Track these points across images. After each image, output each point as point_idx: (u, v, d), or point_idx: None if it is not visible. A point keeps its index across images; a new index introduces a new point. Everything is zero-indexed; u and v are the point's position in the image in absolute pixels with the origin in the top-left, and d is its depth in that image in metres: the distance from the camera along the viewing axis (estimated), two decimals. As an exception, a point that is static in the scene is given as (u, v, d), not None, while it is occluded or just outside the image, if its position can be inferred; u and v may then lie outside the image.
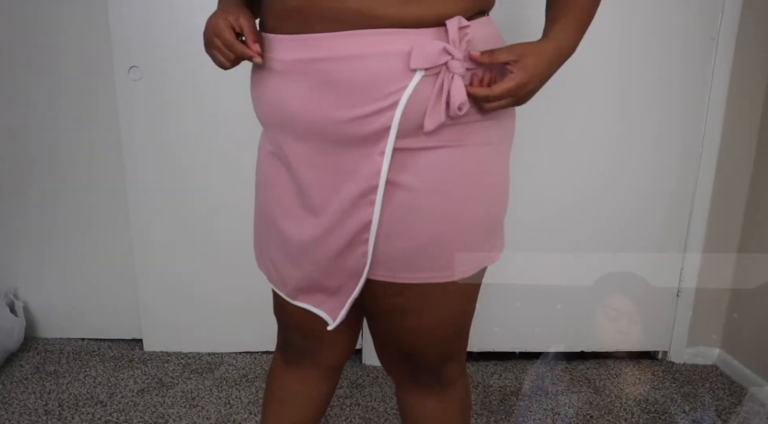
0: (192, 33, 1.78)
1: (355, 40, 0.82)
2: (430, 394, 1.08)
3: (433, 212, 0.90)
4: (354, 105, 0.84)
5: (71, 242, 2.04)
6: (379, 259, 0.93)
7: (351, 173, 0.88)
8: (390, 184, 0.88)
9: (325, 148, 0.89)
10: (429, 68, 0.82)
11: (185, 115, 1.84)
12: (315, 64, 0.85)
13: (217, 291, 2.00)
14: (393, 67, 0.82)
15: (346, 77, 0.83)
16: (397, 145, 0.86)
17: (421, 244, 0.91)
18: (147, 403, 1.80)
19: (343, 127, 0.86)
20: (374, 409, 1.80)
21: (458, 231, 0.92)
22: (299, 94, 0.87)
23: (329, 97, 0.85)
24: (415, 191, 0.88)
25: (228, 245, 1.93)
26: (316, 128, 0.88)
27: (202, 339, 2.06)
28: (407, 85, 0.82)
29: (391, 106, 0.83)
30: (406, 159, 0.87)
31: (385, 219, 0.90)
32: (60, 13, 1.84)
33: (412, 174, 0.88)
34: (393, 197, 0.89)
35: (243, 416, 1.75)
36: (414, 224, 0.90)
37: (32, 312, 2.10)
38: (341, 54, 0.83)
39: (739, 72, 1.81)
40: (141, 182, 1.90)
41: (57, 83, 1.90)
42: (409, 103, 0.83)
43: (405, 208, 0.89)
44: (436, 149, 0.88)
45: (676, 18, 1.75)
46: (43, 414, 1.74)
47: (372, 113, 0.84)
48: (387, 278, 0.94)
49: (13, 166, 1.97)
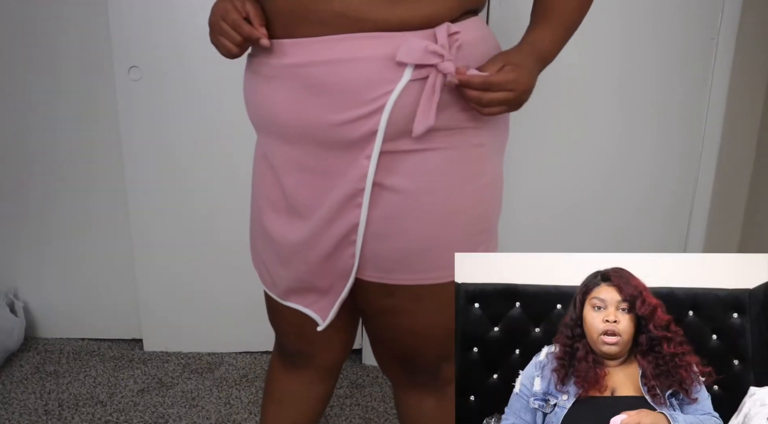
0: (192, 33, 1.79)
1: (340, 45, 0.82)
2: (427, 394, 1.08)
3: (424, 213, 0.90)
4: (341, 109, 0.84)
5: (71, 242, 2.03)
6: (370, 260, 0.93)
7: (339, 176, 0.89)
8: (379, 187, 0.89)
9: (313, 152, 0.89)
10: (418, 67, 0.82)
11: (185, 115, 1.84)
12: (302, 69, 0.85)
13: (217, 291, 2.00)
14: (379, 71, 0.82)
15: (332, 81, 0.83)
16: (386, 148, 0.86)
17: (412, 245, 0.91)
18: (147, 403, 1.80)
19: (330, 132, 0.86)
20: (374, 409, 1.80)
21: (450, 232, 0.92)
22: (287, 99, 0.87)
23: (317, 102, 0.85)
24: (404, 193, 0.89)
25: (228, 245, 1.92)
26: (305, 132, 0.88)
27: (202, 339, 2.06)
28: (393, 89, 0.82)
29: (377, 110, 0.84)
30: (396, 161, 0.88)
31: (374, 220, 0.90)
32: (60, 13, 1.84)
33: (401, 176, 0.88)
34: (382, 199, 0.89)
35: (243, 416, 1.75)
36: (404, 225, 0.90)
37: (32, 312, 2.10)
38: (327, 58, 0.83)
39: (739, 72, 1.81)
40: (141, 182, 1.90)
41: (57, 83, 1.89)
42: (396, 106, 0.83)
43: (395, 210, 0.89)
44: (427, 151, 0.88)
45: (676, 18, 1.75)
46: (43, 414, 1.74)
47: (359, 117, 0.84)
48: (378, 279, 0.94)
49: (12, 166, 1.97)
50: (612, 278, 0.70)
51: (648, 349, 0.69)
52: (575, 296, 0.72)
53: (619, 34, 1.76)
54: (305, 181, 0.92)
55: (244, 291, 1.94)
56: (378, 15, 0.81)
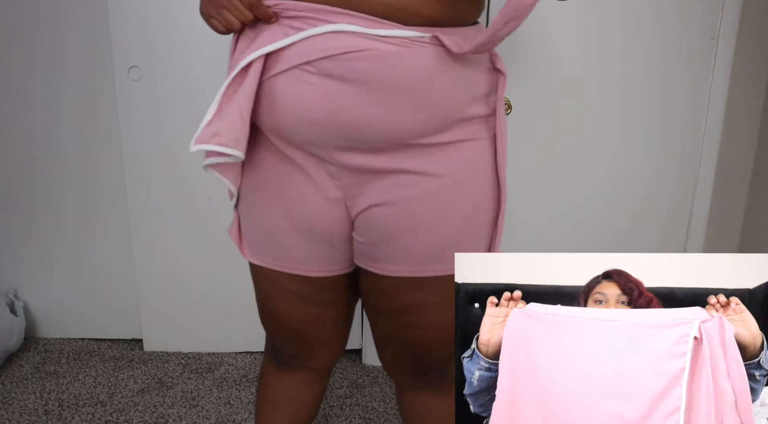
0: (192, 33, 1.79)
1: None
2: (434, 393, 1.08)
3: (459, 202, 0.91)
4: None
5: (71, 242, 2.04)
6: (402, 255, 0.93)
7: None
8: (416, 174, 0.89)
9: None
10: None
11: (185, 115, 1.84)
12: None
13: (217, 291, 2.00)
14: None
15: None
16: (426, 141, 0.87)
17: (448, 235, 0.92)
18: (147, 403, 1.80)
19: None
20: (374, 409, 1.80)
21: (479, 220, 0.94)
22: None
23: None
24: (442, 177, 0.89)
25: (228, 245, 1.90)
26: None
27: (202, 339, 2.06)
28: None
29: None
30: (427, 153, 0.89)
31: (407, 214, 0.91)
32: (60, 13, 1.84)
33: (439, 164, 0.89)
34: (412, 190, 0.90)
35: (243, 416, 1.75)
36: (441, 212, 0.91)
37: (32, 312, 2.10)
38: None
39: (739, 72, 1.81)
40: (141, 182, 1.90)
41: (57, 83, 1.90)
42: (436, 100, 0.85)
43: (429, 201, 0.90)
44: (455, 143, 0.89)
45: (676, 18, 1.75)
46: (43, 414, 1.74)
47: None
48: (409, 273, 0.94)
49: (12, 166, 1.97)
50: (613, 276, 0.72)
51: None
52: (579, 295, 0.73)
53: (619, 34, 1.76)
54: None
55: (244, 291, 1.93)
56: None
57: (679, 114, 1.84)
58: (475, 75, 0.89)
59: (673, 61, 1.79)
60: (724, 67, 1.79)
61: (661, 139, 1.85)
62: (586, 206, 1.90)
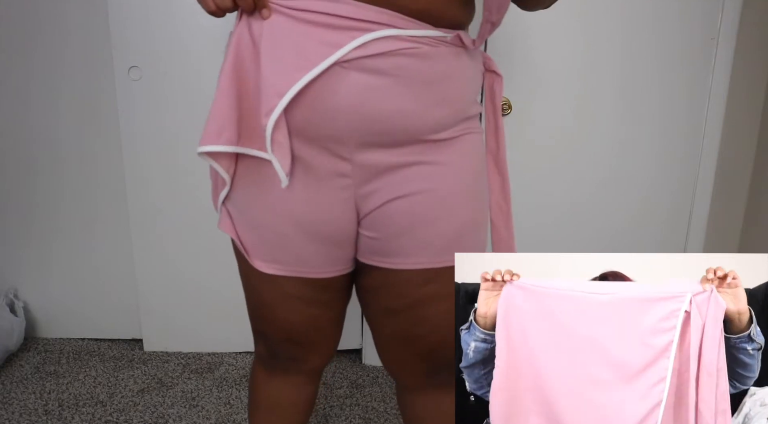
0: (192, 33, 1.79)
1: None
2: (437, 393, 1.08)
3: (472, 190, 0.97)
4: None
5: (71, 242, 2.04)
6: (420, 246, 0.95)
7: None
8: (427, 165, 0.93)
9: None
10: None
11: (185, 115, 1.84)
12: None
13: (217, 291, 2.00)
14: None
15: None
16: (431, 138, 0.92)
17: (465, 222, 0.96)
18: (147, 403, 1.80)
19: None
20: (374, 409, 1.80)
21: (485, 208, 1.01)
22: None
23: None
24: (450, 165, 0.93)
25: (228, 245, 1.90)
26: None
27: (202, 339, 2.06)
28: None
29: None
30: (438, 146, 0.93)
31: (427, 204, 0.93)
32: (60, 13, 1.84)
33: (447, 154, 0.94)
34: (429, 180, 0.93)
35: (243, 416, 1.75)
36: (454, 201, 0.95)
37: (32, 312, 2.10)
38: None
39: (739, 72, 1.81)
40: (141, 182, 1.90)
41: (57, 83, 1.90)
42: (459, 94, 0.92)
43: (447, 190, 0.94)
44: (459, 137, 0.94)
45: (676, 18, 1.75)
46: (43, 414, 1.74)
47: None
48: (427, 264, 0.96)
49: (12, 166, 1.97)
50: (609, 277, 0.73)
51: None
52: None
53: (620, 34, 1.76)
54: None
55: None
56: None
57: (679, 114, 1.84)
58: (477, 75, 0.96)
59: (673, 61, 1.79)
60: (724, 67, 1.79)
61: (661, 139, 1.85)
62: (586, 206, 1.90)
